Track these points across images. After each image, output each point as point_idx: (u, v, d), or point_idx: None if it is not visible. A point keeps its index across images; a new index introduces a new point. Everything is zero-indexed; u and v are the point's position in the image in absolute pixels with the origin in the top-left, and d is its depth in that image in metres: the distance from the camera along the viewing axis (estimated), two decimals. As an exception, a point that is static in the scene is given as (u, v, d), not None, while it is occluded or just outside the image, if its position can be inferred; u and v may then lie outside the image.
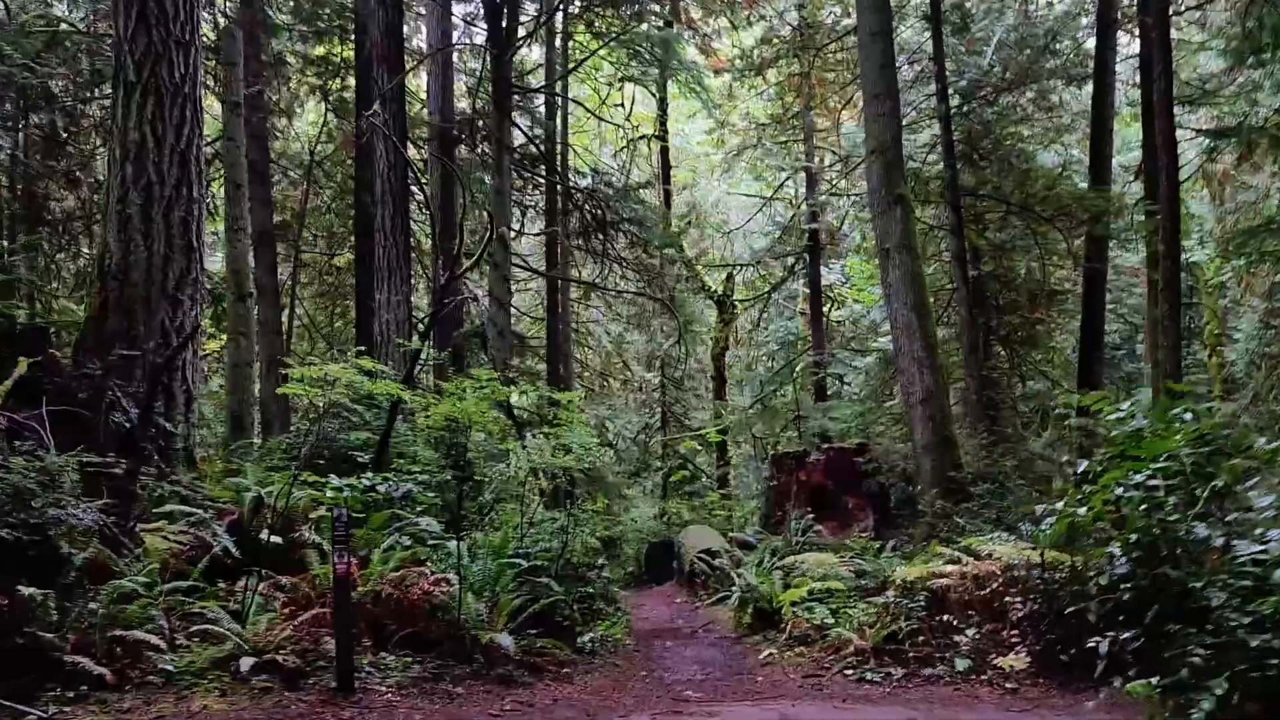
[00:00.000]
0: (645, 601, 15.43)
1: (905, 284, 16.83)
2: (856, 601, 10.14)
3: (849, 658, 8.90)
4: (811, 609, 10.30)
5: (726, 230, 27.97)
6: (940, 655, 8.53)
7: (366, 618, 8.85)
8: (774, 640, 10.35)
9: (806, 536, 15.31)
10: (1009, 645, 8.48)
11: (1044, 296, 20.62)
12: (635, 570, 20.41)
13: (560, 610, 10.03)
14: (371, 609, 8.94)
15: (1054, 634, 8.21)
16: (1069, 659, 8.07)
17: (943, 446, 16.48)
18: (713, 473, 27.66)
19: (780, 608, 10.83)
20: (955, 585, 8.94)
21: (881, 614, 9.27)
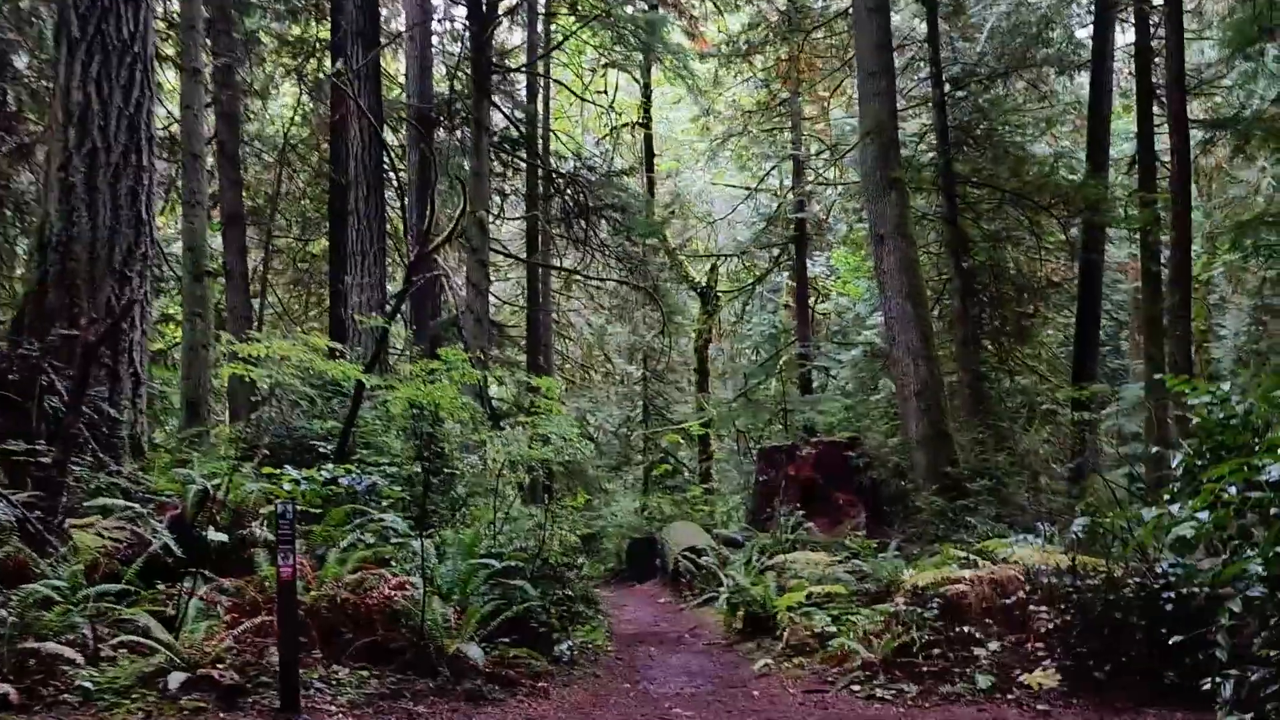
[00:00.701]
0: (627, 601, 14.41)
1: (900, 271, 15.88)
2: (859, 607, 9.16)
3: (855, 671, 7.90)
4: (810, 615, 9.31)
5: (711, 220, 26.92)
6: (959, 670, 7.54)
7: (319, 625, 7.78)
8: (769, 649, 9.35)
9: (796, 534, 14.34)
10: (1035, 659, 7.51)
11: (1039, 288, 19.69)
12: (616, 566, 19.39)
13: (536, 615, 8.99)
14: (325, 615, 7.88)
15: (1086, 647, 7.23)
16: (1104, 676, 7.10)
17: (938, 441, 15.55)
18: (695, 467, 26.64)
19: (775, 612, 9.84)
20: (973, 592, 7.95)
21: (890, 622, 8.27)
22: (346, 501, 10.03)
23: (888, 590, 9.46)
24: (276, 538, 6.69)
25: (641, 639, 10.81)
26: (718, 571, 13.47)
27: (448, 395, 7.55)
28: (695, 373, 27.02)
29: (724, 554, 14.16)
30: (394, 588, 8.03)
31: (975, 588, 7.98)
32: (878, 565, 10.10)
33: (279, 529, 6.67)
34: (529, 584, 9.13)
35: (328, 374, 9.04)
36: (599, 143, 25.81)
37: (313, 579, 8.17)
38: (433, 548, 9.42)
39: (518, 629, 8.80)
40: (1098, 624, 7.22)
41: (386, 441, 12.24)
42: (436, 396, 7.50)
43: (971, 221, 19.66)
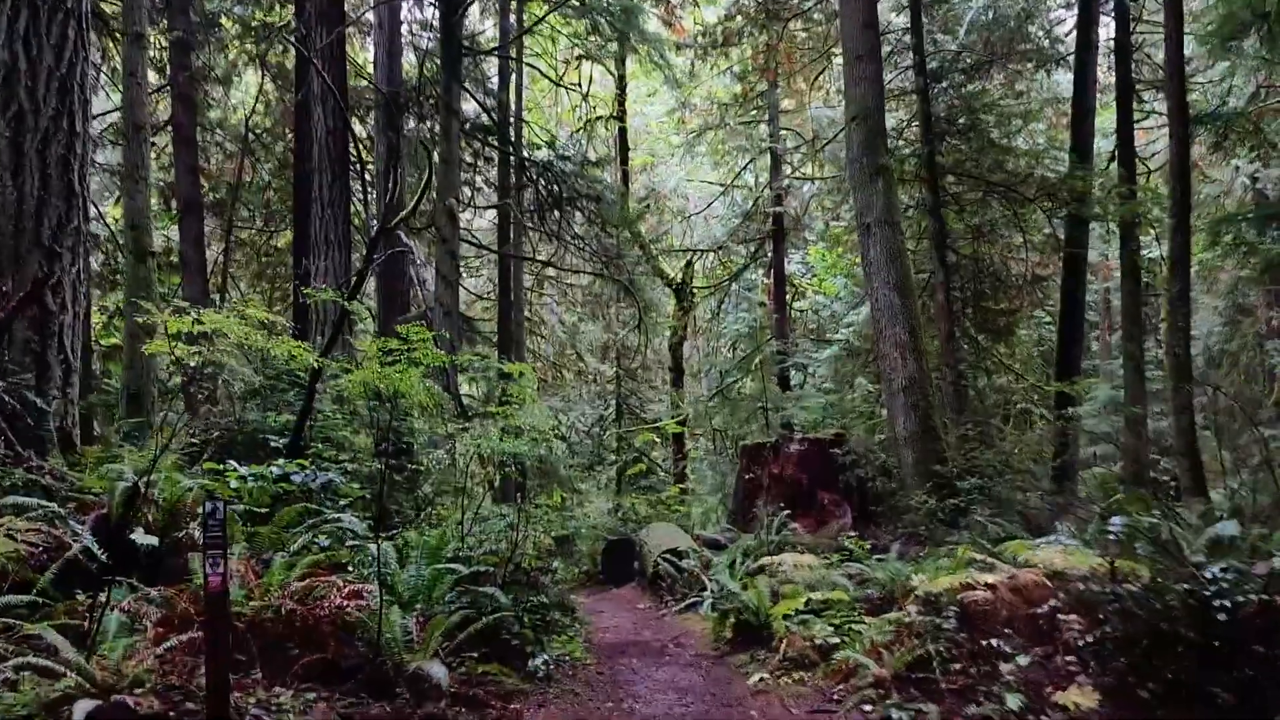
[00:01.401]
0: (604, 607, 13.36)
1: (887, 261, 14.97)
2: (862, 615, 8.16)
3: (865, 689, 6.90)
4: (809, 623, 8.32)
5: (686, 215, 25.94)
6: (984, 688, 6.56)
7: (261, 641, 6.70)
8: (765, 661, 8.34)
9: (781, 535, 13.36)
10: (1067, 675, 6.54)
11: (1025, 283, 18.87)
12: (590, 569, 18.31)
13: (508, 627, 7.94)
14: (268, 629, 6.79)
15: (1127, 663, 6.29)
16: (1149, 695, 6.15)
17: (926, 438, 14.65)
18: (670, 467, 25.63)
19: (770, 621, 8.84)
20: (996, 600, 6.98)
21: (901, 633, 7.29)
22: (300, 500, 8.95)
23: (892, 597, 8.50)
24: (204, 542, 5.62)
25: (623, 650, 9.78)
26: (700, 575, 12.47)
27: (409, 379, 6.49)
28: (670, 371, 26.02)
29: (706, 556, 13.16)
30: (347, 597, 6.95)
31: (998, 595, 7.01)
32: (879, 569, 9.11)
33: (208, 531, 5.59)
34: (500, 591, 8.09)
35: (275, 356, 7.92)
36: (573, 136, 24.77)
37: (256, 587, 7.08)
38: (393, 551, 8.36)
39: (487, 641, 7.76)
40: (1140, 636, 6.29)
41: (347, 436, 11.17)
42: (395, 380, 6.43)
43: (955, 215, 18.83)
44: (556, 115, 26.45)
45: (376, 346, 6.51)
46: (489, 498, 18.43)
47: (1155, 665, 6.26)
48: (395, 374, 6.46)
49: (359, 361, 6.82)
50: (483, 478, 10.20)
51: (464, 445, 8.84)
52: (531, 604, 9.03)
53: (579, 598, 14.46)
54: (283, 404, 11.47)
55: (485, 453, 8.51)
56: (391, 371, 6.41)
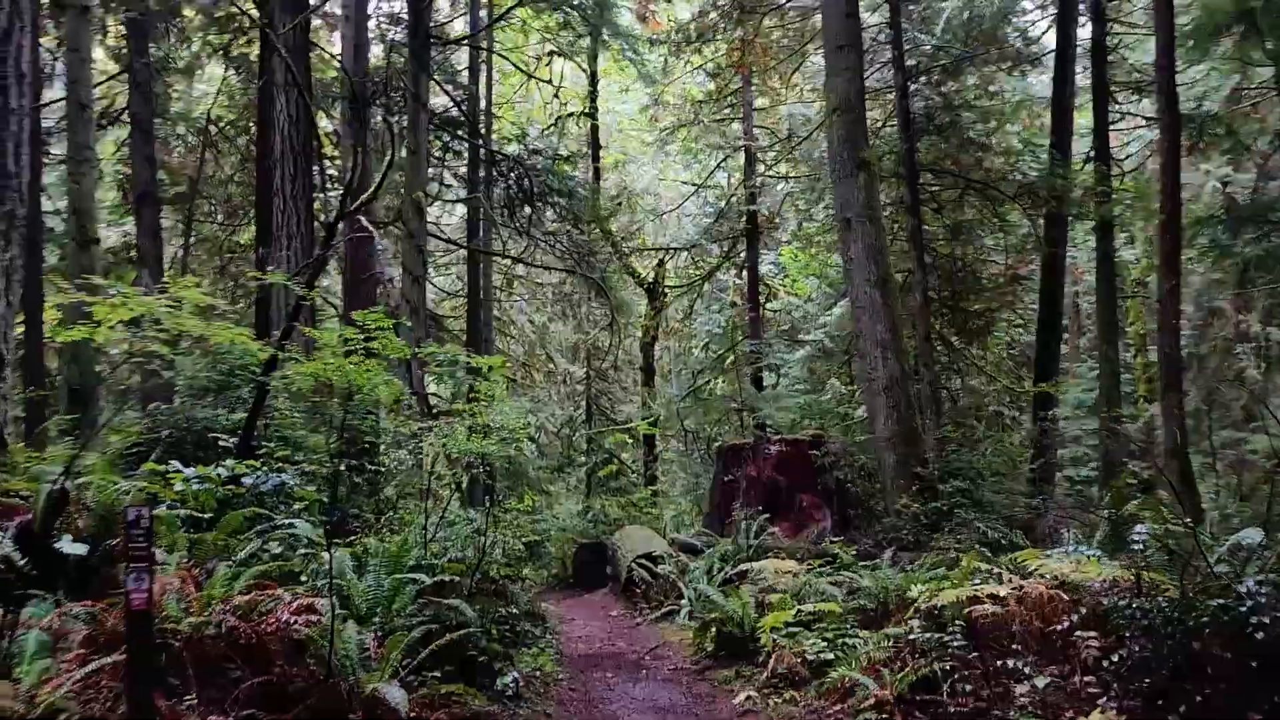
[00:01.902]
0: (576, 613, 12.65)
1: (868, 258, 14.37)
2: (856, 629, 7.51)
3: (866, 711, 6.25)
4: (798, 636, 7.65)
5: (659, 214, 25.26)
6: (997, 712, 5.92)
7: (198, 661, 5.93)
8: (751, 678, 7.67)
9: (760, 539, 12.72)
10: (1087, 698, 5.92)
11: (1003, 283, 18.35)
12: (560, 573, 17.58)
13: (474, 641, 7.21)
14: (207, 648, 6.02)
15: (1154, 685, 5.67)
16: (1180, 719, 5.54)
17: (908, 439, 14.07)
18: (640, 469, 24.93)
19: (756, 633, 8.16)
20: (1007, 615, 6.35)
21: (901, 650, 6.65)
22: (251, 504, 8.17)
23: (887, 609, 7.86)
24: (127, 554, 4.86)
25: (596, 662, 9.07)
26: (677, 581, 11.80)
27: (366, 372, 5.75)
28: (641, 371, 25.33)
29: (682, 561, 12.48)
30: (295, 611, 6.20)
31: (1008, 609, 6.38)
32: (870, 578, 8.46)
33: (130, 541, 4.84)
34: (466, 603, 7.35)
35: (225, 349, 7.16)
36: (544, 133, 24.01)
37: (195, 601, 6.31)
38: (350, 560, 7.59)
39: (452, 658, 7.02)
40: (1168, 656, 5.67)
41: (305, 435, 10.38)
42: (351, 373, 5.69)
43: (932, 214, 18.31)
44: (527, 112, 25.67)
45: (331, 336, 5.76)
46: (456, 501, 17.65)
47: (1185, 688, 5.65)
48: (351, 366, 5.72)
49: (312, 353, 6.07)
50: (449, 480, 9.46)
51: (428, 445, 8.10)
52: (500, 615, 8.31)
53: (549, 604, 13.73)
54: (237, 402, 10.66)
55: (451, 453, 7.78)
56: (346, 363, 5.67)
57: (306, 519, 8.29)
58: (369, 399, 7.22)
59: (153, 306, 5.34)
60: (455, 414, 8.07)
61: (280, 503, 8.46)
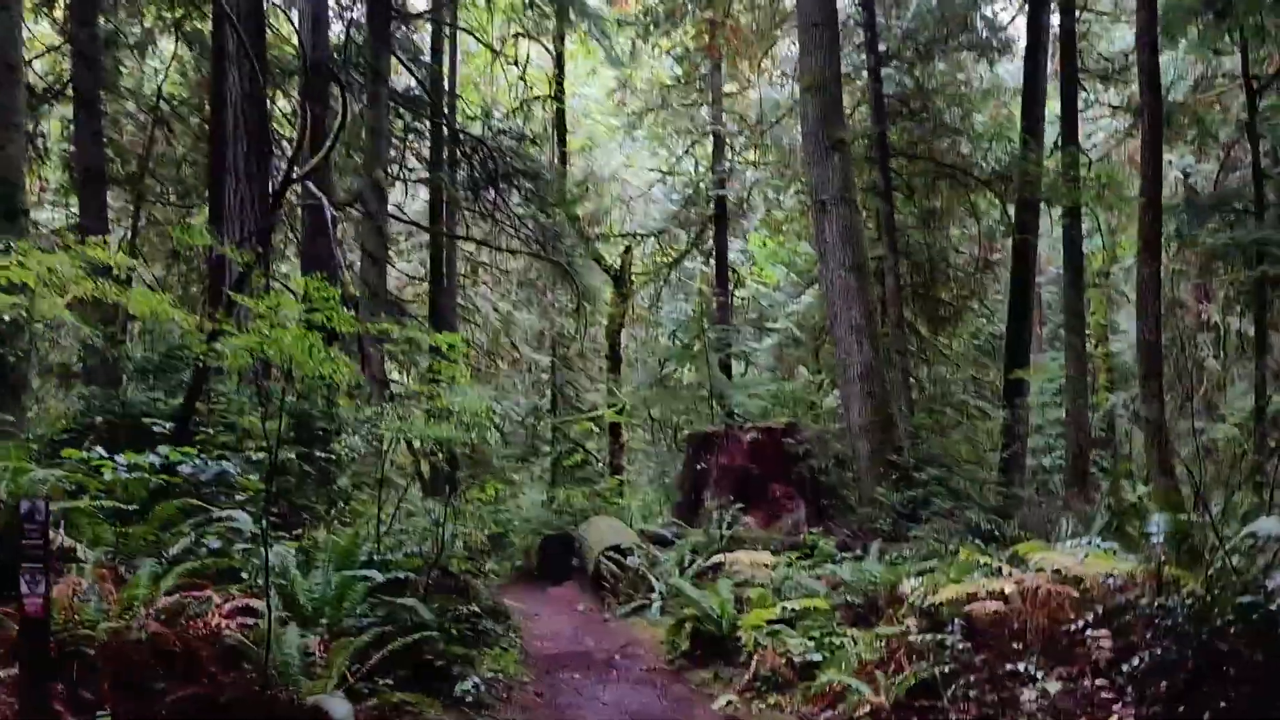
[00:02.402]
0: (541, 609, 11.97)
1: (843, 241, 13.80)
2: (844, 627, 6.90)
3: (862, 719, 5.63)
4: (780, 635, 7.03)
5: (626, 199, 24.54)
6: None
7: (116, 671, 5.20)
8: (731, 681, 7.05)
9: (732, 530, 12.12)
10: (1100, 703, 5.35)
11: (975, 270, 17.88)
12: (524, 565, 16.85)
13: (430, 644, 6.52)
14: (128, 656, 5.29)
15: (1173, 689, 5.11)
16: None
17: (883, 427, 13.54)
18: (607, 458, 24.26)
19: (735, 631, 7.54)
20: (1011, 613, 5.77)
21: (895, 651, 6.05)
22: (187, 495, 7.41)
23: (875, 605, 7.26)
24: (21, 553, 4.12)
25: (563, 662, 8.41)
26: (647, 574, 11.15)
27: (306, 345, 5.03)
28: (607, 359, 24.63)
29: (652, 553, 11.83)
30: (229, 614, 5.49)
31: (1011, 606, 5.80)
32: (853, 572, 7.85)
33: (25, 538, 4.11)
34: (422, 603, 6.66)
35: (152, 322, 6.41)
36: (509, 116, 23.19)
37: (115, 603, 5.57)
38: (294, 555, 6.87)
39: (406, 663, 6.33)
40: (1189, 658, 5.12)
41: (254, 422, 9.60)
42: (289, 347, 4.97)
43: (903, 199, 17.78)
44: (492, 95, 24.81)
45: (266, 305, 5.03)
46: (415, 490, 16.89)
47: (1206, 692, 5.10)
48: (289, 338, 5.00)
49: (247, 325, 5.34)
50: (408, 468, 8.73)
51: (385, 430, 7.37)
52: (461, 613, 7.63)
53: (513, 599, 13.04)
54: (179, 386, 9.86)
55: (409, 439, 7.07)
56: (284, 335, 4.94)
57: (249, 511, 7.56)
58: (316, 380, 6.49)
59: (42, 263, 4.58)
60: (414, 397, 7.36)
61: (221, 493, 7.71)
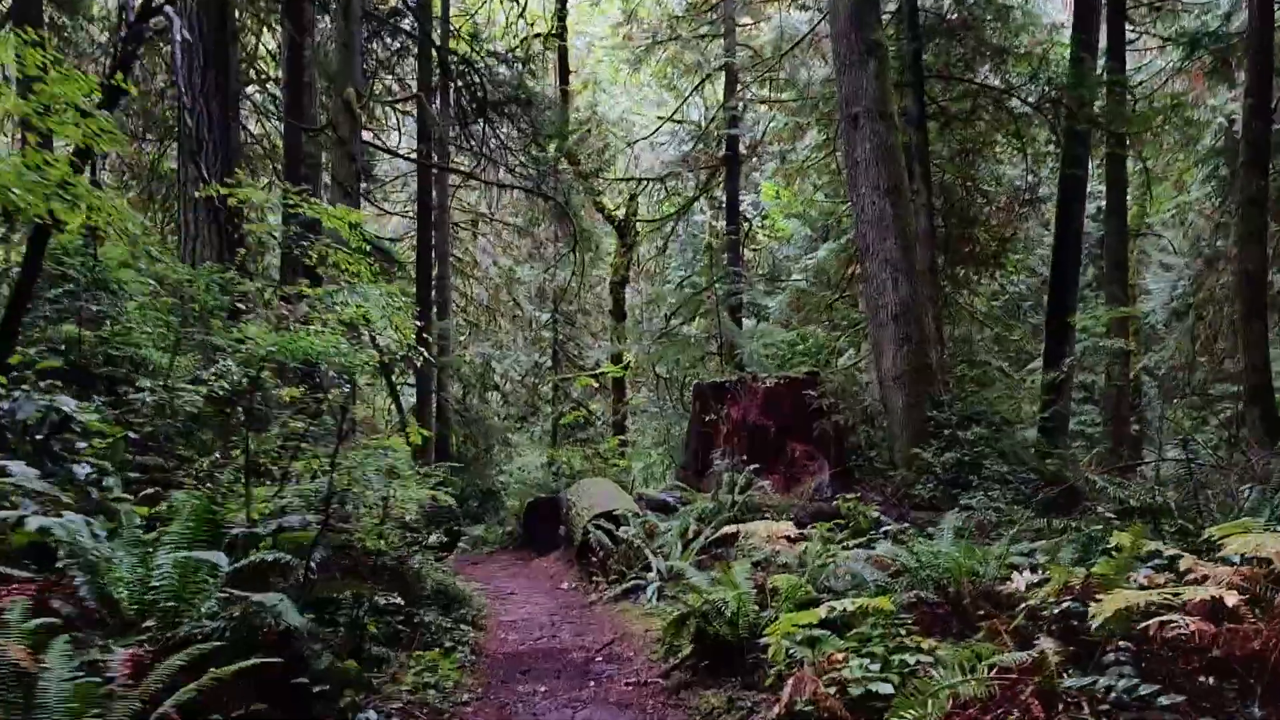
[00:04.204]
0: (518, 584, 9.67)
1: (877, 161, 11.32)
2: (917, 637, 4.49)
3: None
4: (822, 645, 4.66)
5: (630, 141, 21.96)
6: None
7: None
8: (751, 714, 4.67)
9: (746, 495, 9.74)
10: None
11: (1020, 205, 15.34)
12: (515, 531, 14.59)
13: (305, 660, 4.16)
14: None
15: None
16: None
17: (920, 377, 11.12)
18: (609, 418, 21.91)
19: (755, 634, 5.17)
20: (1220, 635, 3.36)
21: (1019, 684, 3.65)
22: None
23: (959, 602, 4.87)
24: None
25: (527, 666, 6.07)
26: (643, 548, 8.79)
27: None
28: (611, 314, 22.22)
29: (651, 522, 9.45)
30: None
31: (1225, 626, 3.40)
32: (920, 554, 5.42)
33: None
34: (302, 594, 4.30)
35: None
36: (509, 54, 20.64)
37: None
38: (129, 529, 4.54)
39: (266, 689, 3.99)
40: None
41: (150, 353, 7.23)
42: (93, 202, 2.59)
43: (938, 131, 15.22)
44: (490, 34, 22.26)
45: None
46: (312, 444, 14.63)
47: None
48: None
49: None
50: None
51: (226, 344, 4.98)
52: (382, 606, 5.27)
53: (489, 573, 10.74)
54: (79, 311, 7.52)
55: (280, 358, 4.68)
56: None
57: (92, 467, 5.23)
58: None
59: None
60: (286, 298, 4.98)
61: (53, 438, 5.36)
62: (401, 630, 5.84)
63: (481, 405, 22.46)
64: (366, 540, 5.26)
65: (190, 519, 4.57)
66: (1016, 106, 14.60)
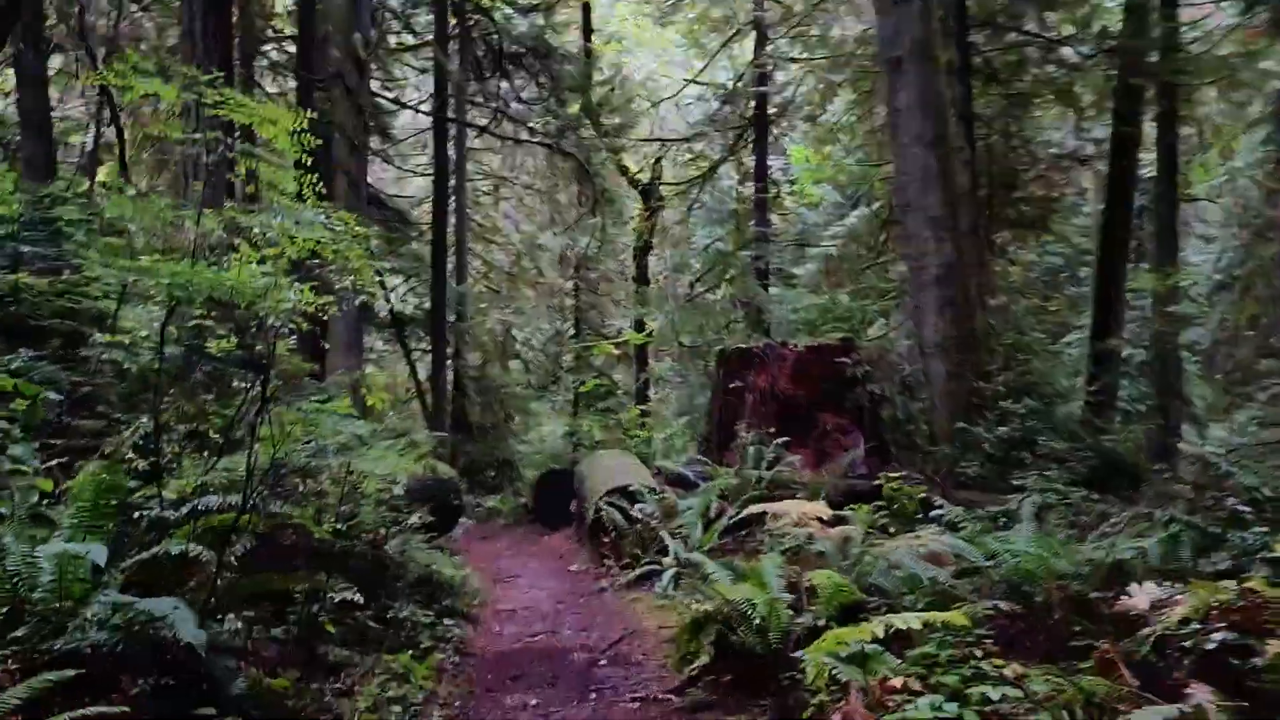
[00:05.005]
0: (525, 565, 8.71)
1: (921, 109, 10.13)
2: (994, 659, 3.42)
3: None
4: (875, 667, 3.62)
5: (655, 101, 20.76)
6: None
7: None
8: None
9: (773, 471, 8.69)
10: None
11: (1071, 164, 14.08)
12: (529, 503, 13.64)
13: (220, 684, 3.17)
14: None
15: None
16: None
17: (964, 345, 9.98)
18: (632, 387, 20.89)
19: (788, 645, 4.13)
20: None
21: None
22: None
23: (1048, 612, 3.81)
24: None
25: (519, 670, 5.10)
26: (659, 529, 7.78)
27: None
28: (634, 281, 21.14)
29: (670, 499, 8.43)
30: None
31: None
32: (1003, 551, 4.34)
33: None
34: (211, 598, 3.31)
35: None
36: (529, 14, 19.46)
37: None
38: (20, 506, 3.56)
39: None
40: None
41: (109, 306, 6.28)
42: None
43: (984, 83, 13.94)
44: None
45: None
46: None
47: None
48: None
49: None
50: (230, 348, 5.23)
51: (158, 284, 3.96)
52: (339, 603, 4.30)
53: (496, 550, 9.79)
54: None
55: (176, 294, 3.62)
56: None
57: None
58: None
59: None
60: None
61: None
62: (372, 628, 4.88)
63: (502, 373, 21.52)
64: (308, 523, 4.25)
65: (88, 499, 3.60)
66: (1068, 57, 13.30)
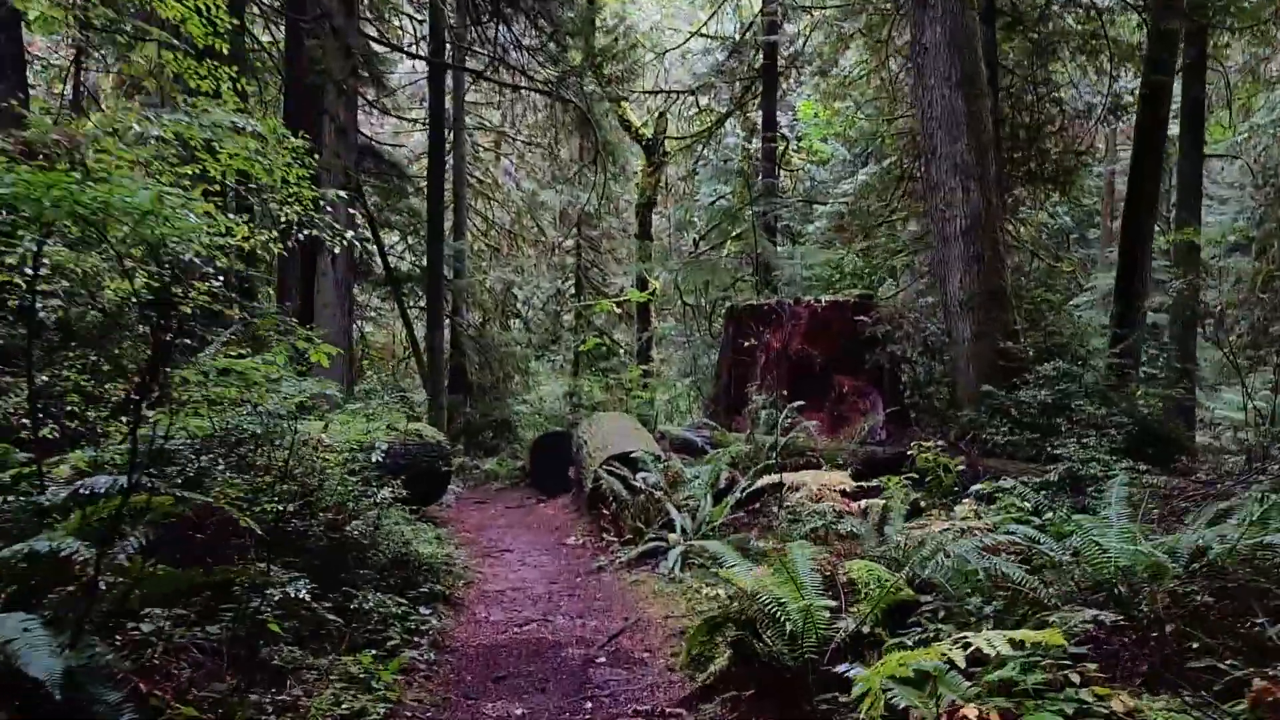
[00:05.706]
0: (518, 538, 7.91)
1: (948, 49, 9.18)
2: (1096, 687, 2.61)
3: None
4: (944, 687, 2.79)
5: (660, 51, 19.67)
6: None
7: None
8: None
9: (788, 438, 7.86)
10: None
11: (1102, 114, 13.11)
12: (526, 467, 12.86)
13: None
14: None
15: None
16: None
17: (992, 302, 9.12)
18: (633, 347, 20.06)
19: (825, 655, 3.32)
20: None
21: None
22: None
23: (1151, 623, 2.99)
24: None
25: (504, 670, 4.31)
26: (664, 501, 6.97)
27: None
28: (636, 239, 20.23)
29: (675, 467, 7.62)
30: None
31: None
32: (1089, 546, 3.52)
33: None
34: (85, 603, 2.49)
35: None
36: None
37: None
38: None
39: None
40: None
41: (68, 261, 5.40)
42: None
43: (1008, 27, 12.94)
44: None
45: None
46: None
47: None
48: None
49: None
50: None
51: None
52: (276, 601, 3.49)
53: (488, 519, 9.00)
54: None
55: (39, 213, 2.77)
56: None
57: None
58: None
59: None
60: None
61: None
62: (331, 622, 4.08)
63: (501, 332, 20.69)
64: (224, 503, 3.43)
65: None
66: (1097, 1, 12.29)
